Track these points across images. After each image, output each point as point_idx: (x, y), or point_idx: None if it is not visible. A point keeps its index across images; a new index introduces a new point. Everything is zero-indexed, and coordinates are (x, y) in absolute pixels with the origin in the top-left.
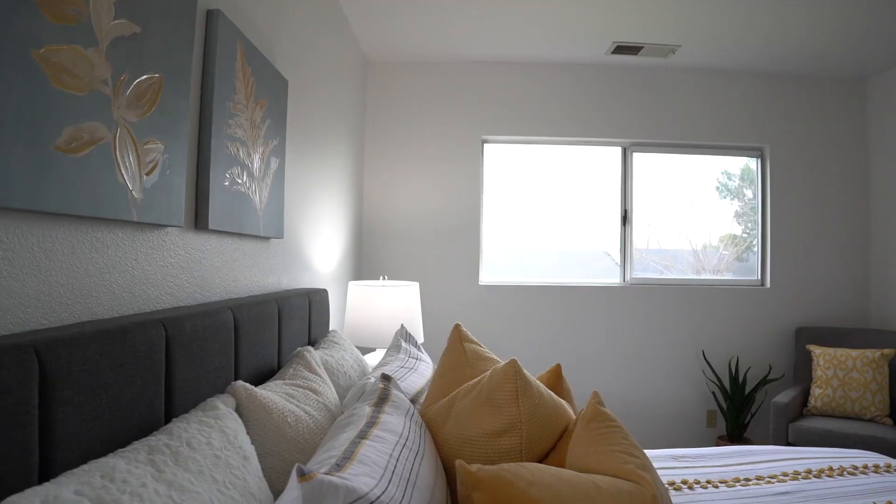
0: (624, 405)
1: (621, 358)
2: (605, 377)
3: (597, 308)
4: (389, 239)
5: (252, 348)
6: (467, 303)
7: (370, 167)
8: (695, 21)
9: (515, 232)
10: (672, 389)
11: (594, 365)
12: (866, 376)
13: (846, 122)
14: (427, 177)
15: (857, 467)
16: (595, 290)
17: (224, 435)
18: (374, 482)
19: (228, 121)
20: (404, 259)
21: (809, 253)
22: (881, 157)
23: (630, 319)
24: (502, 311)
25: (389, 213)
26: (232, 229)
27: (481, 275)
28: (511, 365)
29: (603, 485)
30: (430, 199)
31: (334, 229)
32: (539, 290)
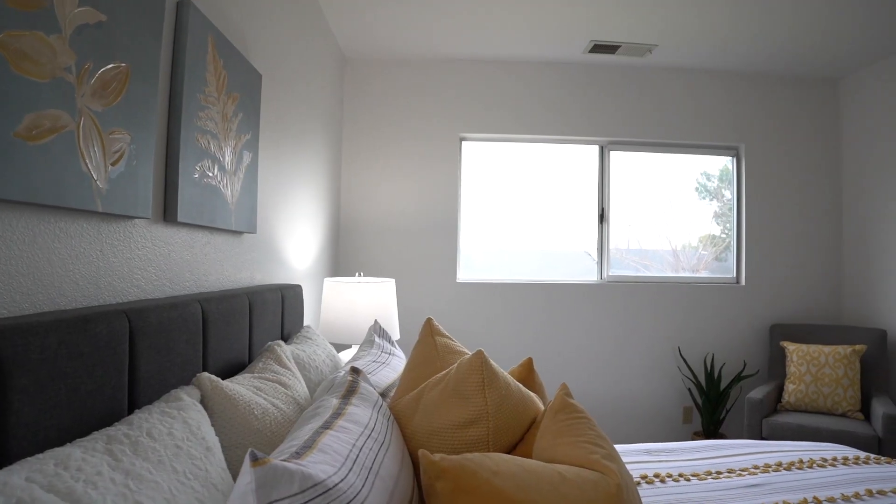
0: (601, 402)
1: (598, 355)
2: (582, 374)
3: (574, 306)
4: (367, 236)
5: (221, 342)
6: (445, 300)
7: (348, 164)
8: (671, 21)
9: (496, 232)
10: (649, 386)
11: (571, 362)
12: (838, 372)
13: (819, 122)
14: (405, 174)
15: (826, 460)
16: (572, 288)
17: (187, 426)
18: (334, 470)
19: (199, 113)
20: (382, 256)
21: (784, 251)
22: (853, 157)
23: (607, 317)
24: (480, 308)
25: (367, 210)
26: (202, 223)
27: (459, 272)
28: (477, 356)
29: (567, 474)
30: (408, 197)
31: (310, 226)
32: (516, 287)
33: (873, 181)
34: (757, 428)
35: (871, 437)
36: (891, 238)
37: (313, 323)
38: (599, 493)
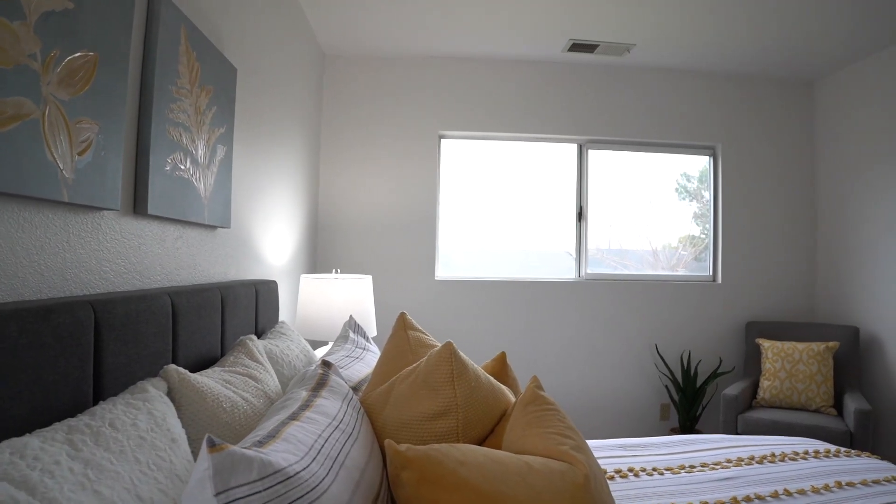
0: (579, 399)
1: (576, 352)
2: (560, 372)
3: (552, 303)
4: (345, 233)
5: (192, 336)
6: (423, 297)
7: (326, 161)
8: (649, 21)
9: (477, 231)
10: (626, 383)
11: (549, 360)
12: (812, 368)
13: (795, 124)
14: (384, 171)
15: (798, 453)
16: (550, 286)
17: (152, 417)
18: (296, 459)
19: (171, 105)
20: (360, 254)
21: (759, 250)
22: (827, 158)
23: (585, 315)
24: (458, 306)
25: (345, 207)
26: (174, 216)
27: (437, 270)
28: (446, 348)
29: (535, 464)
30: (386, 194)
31: (287, 222)
32: (494, 285)
33: (846, 182)
34: (732, 424)
35: (843, 432)
36: (863, 238)
37: (290, 320)
38: (567, 483)
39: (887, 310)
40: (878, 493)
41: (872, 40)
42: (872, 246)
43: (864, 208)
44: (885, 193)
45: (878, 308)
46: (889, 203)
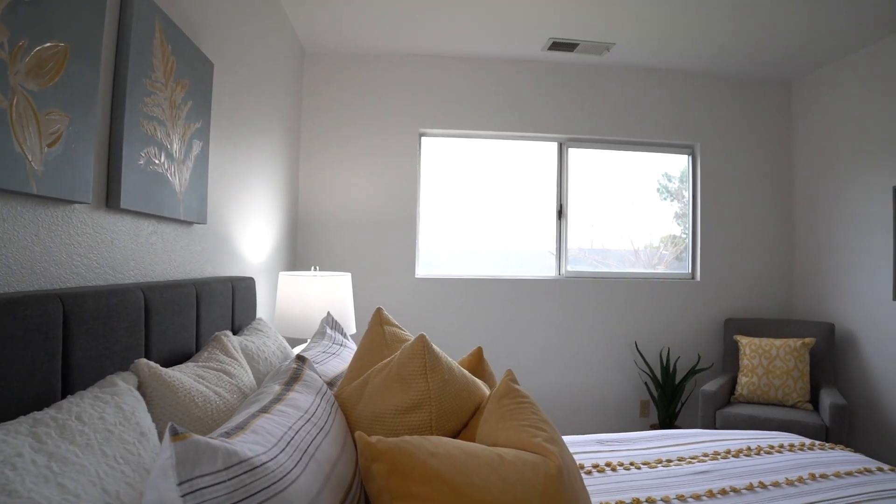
0: (559, 396)
1: (557, 350)
2: (540, 369)
3: (533, 301)
4: (325, 231)
5: (165, 331)
6: (403, 295)
7: (306, 158)
8: (628, 20)
9: (458, 230)
10: (606, 380)
11: (530, 357)
12: (788, 364)
13: (772, 123)
14: (364, 169)
15: (773, 447)
16: (531, 284)
17: (120, 410)
18: (263, 450)
19: (145, 98)
20: (340, 251)
21: (737, 247)
22: (804, 157)
23: (565, 312)
24: (438, 303)
25: (326, 204)
26: (148, 210)
27: (418, 268)
28: (419, 340)
29: (507, 456)
30: (367, 192)
31: (266, 219)
32: (475, 282)
33: (823, 181)
34: (711, 419)
35: (818, 427)
36: (839, 236)
37: (268, 317)
38: (539, 475)
39: (862, 307)
40: (850, 484)
41: (849, 41)
42: (848, 244)
43: (841, 207)
44: (861, 192)
45: (852, 305)
46: (864, 202)
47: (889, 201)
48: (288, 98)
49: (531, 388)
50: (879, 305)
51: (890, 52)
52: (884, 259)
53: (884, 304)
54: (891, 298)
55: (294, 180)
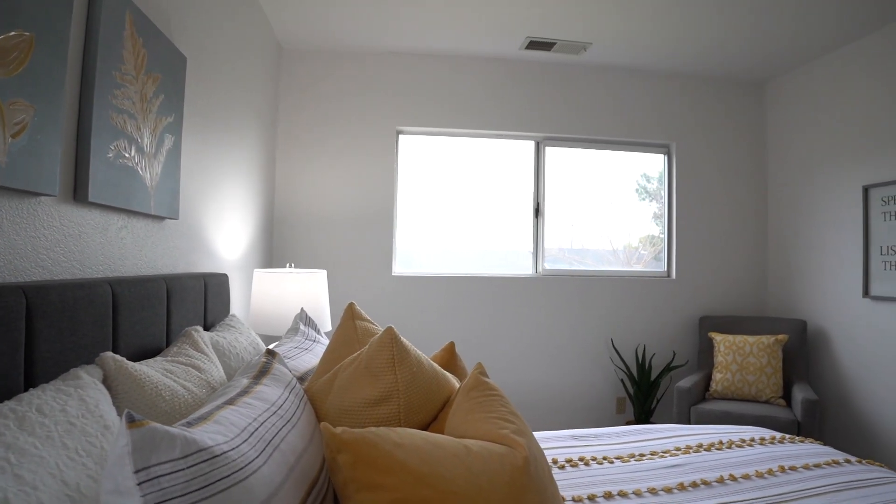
0: (536, 393)
1: (534, 347)
2: (517, 366)
3: (509, 299)
4: (302, 228)
5: (134, 326)
6: (380, 293)
7: (283, 155)
8: (605, 20)
9: (437, 229)
10: (583, 377)
11: (507, 354)
12: (762, 361)
13: (747, 123)
14: (341, 166)
15: (744, 440)
16: (508, 282)
17: (83, 403)
18: (225, 439)
19: (114, 91)
20: (317, 249)
21: (713, 246)
22: (777, 157)
23: (542, 310)
24: (415, 302)
25: (302, 202)
26: (117, 204)
27: (395, 266)
28: (387, 333)
29: (474, 448)
30: (344, 189)
31: (242, 216)
32: (451, 280)
33: (796, 181)
34: (686, 415)
35: (791, 422)
36: (812, 235)
37: (243, 314)
38: (506, 466)
39: (833, 304)
40: (819, 475)
41: (821, 43)
42: (820, 243)
43: (812, 206)
44: (833, 192)
45: (824, 302)
46: (836, 201)
47: (859, 201)
48: (264, 94)
49: (508, 385)
50: (850, 302)
51: (858, 55)
52: (854, 257)
53: (854, 301)
54: (861, 295)
55: (270, 177)
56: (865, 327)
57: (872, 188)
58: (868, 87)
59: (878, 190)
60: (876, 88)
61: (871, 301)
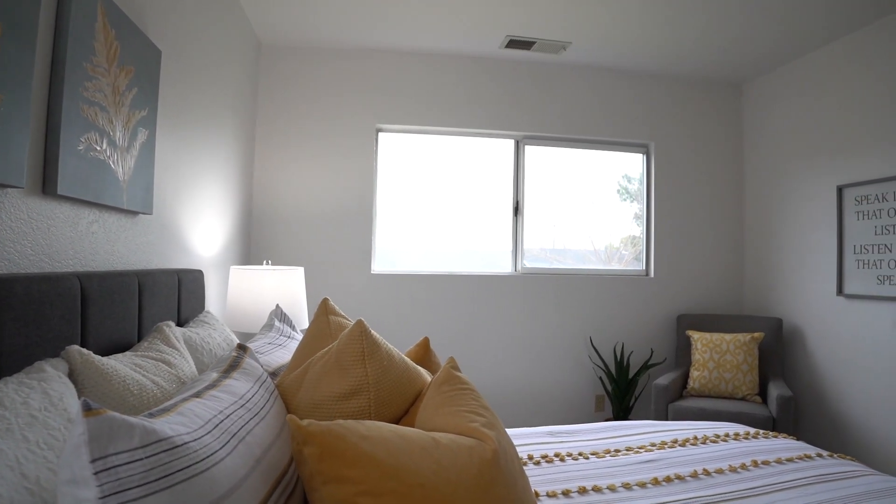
0: (515, 391)
1: (513, 345)
2: (496, 364)
3: (489, 297)
4: (280, 226)
5: (104, 321)
6: (359, 291)
7: (261, 151)
8: (585, 19)
9: (418, 229)
10: (562, 375)
11: (486, 352)
12: (738, 358)
13: (724, 124)
14: (320, 164)
15: (719, 436)
16: (487, 280)
17: (47, 396)
18: (187, 430)
19: (85, 83)
20: (295, 246)
21: (690, 245)
22: (754, 158)
23: (521, 308)
24: (394, 299)
25: (281, 199)
26: (87, 198)
27: (374, 264)
28: (357, 326)
29: (442, 440)
30: (323, 187)
31: (219, 212)
32: (431, 279)
33: (772, 181)
34: (663, 413)
35: (766, 418)
36: (787, 234)
37: (220, 312)
38: (474, 459)
39: (808, 302)
40: (791, 469)
41: (797, 45)
42: (795, 242)
43: (788, 206)
44: (808, 192)
45: (799, 301)
46: (810, 201)
47: (833, 200)
48: (242, 90)
49: (487, 383)
50: (824, 301)
51: (833, 57)
52: (828, 256)
53: (828, 300)
54: (835, 294)
55: (249, 174)
56: (839, 325)
57: (846, 188)
58: (841, 90)
59: (852, 190)
60: (849, 91)
61: (844, 299)
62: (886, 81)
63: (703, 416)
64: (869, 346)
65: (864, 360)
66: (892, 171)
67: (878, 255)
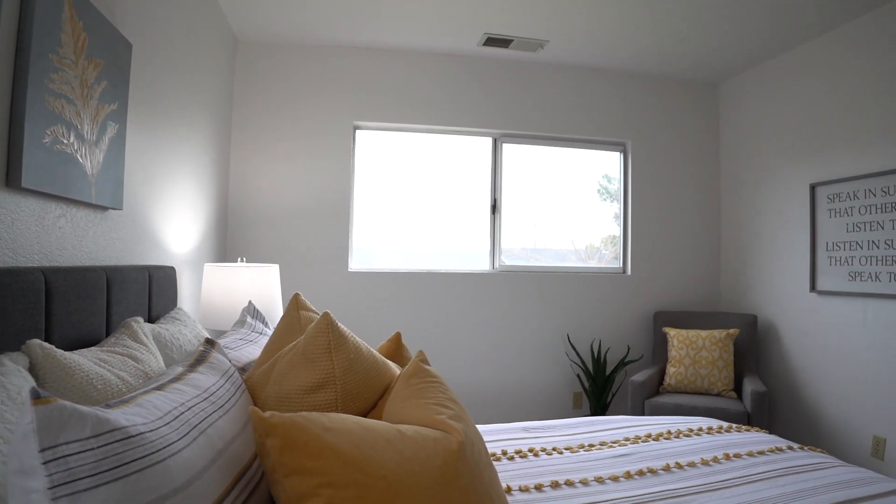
0: (493, 389)
1: (491, 343)
2: (474, 362)
3: (467, 295)
4: (257, 223)
5: (70, 316)
6: (336, 289)
7: (237, 148)
8: (562, 18)
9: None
10: (540, 372)
11: (464, 350)
12: (714, 354)
13: (700, 123)
14: (297, 161)
15: (692, 430)
16: (465, 277)
17: (4, 390)
18: (143, 421)
19: (51, 75)
20: (271, 244)
21: (667, 243)
22: (730, 156)
23: (499, 306)
24: (372, 297)
25: (257, 196)
26: (54, 191)
27: (351, 262)
28: (324, 318)
29: (407, 432)
30: (300, 184)
31: (193, 209)
32: (408, 276)
33: (747, 179)
34: (640, 409)
35: (741, 413)
36: (762, 232)
37: (194, 310)
38: (439, 450)
39: (782, 299)
40: (762, 462)
41: (772, 45)
42: (770, 240)
43: (763, 204)
44: (782, 190)
45: (774, 297)
46: (784, 199)
47: (806, 198)
48: (218, 86)
49: (465, 381)
50: (798, 297)
51: (805, 58)
52: (802, 253)
53: (801, 296)
54: (808, 290)
55: (224, 171)
56: (812, 321)
57: (819, 186)
58: (815, 89)
59: (825, 188)
60: (822, 90)
61: (817, 296)
62: (857, 82)
63: (679, 411)
64: (841, 341)
65: (836, 355)
66: (863, 170)
67: (850, 251)
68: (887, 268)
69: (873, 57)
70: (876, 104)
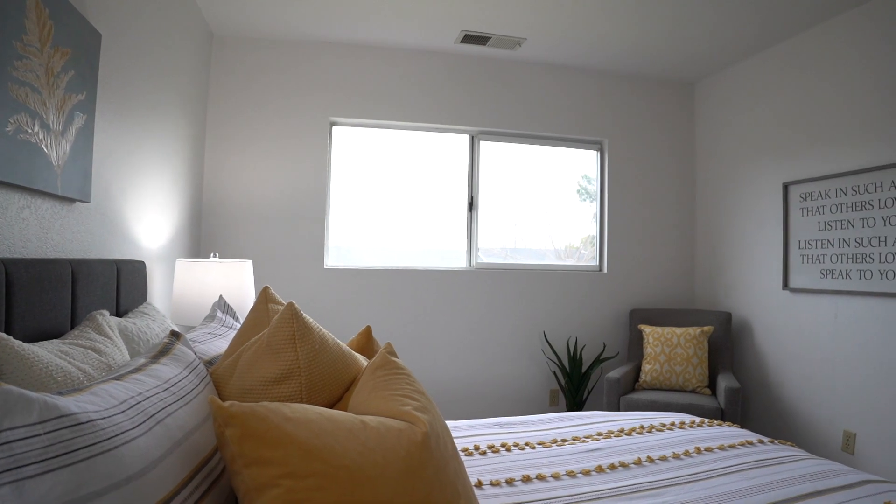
0: (469, 386)
1: (467, 340)
2: (450, 359)
3: (443, 292)
4: (232, 219)
5: (32, 308)
6: (312, 286)
7: (212, 143)
8: (540, 15)
9: (373, 223)
10: (516, 370)
11: (440, 347)
12: (689, 351)
13: (676, 122)
14: (273, 157)
15: (665, 425)
16: (441, 275)
17: None
18: (96, 409)
19: (15, 62)
20: (246, 240)
21: (643, 241)
22: (705, 155)
23: (475, 303)
24: (347, 294)
25: (232, 192)
26: (16, 181)
27: (327, 259)
28: (288, 308)
29: (371, 423)
30: (275, 180)
31: (166, 203)
32: (384, 273)
33: (723, 178)
34: (615, 405)
35: (715, 409)
36: (736, 230)
37: (165, 305)
38: (403, 441)
39: (755, 296)
40: (733, 455)
41: (748, 45)
42: (744, 238)
43: (737, 203)
44: (755, 189)
45: (747, 295)
46: (758, 198)
47: (779, 197)
48: (193, 80)
49: (442, 378)
50: (771, 294)
51: (779, 58)
52: (775, 251)
53: (774, 294)
54: (781, 288)
55: (199, 166)
56: (784, 318)
57: (792, 185)
58: (788, 89)
59: (797, 187)
60: (795, 90)
61: (789, 293)
62: (828, 83)
63: (654, 407)
64: (812, 338)
65: (808, 351)
66: (834, 169)
67: (821, 249)
68: (857, 265)
69: (845, 59)
70: (847, 105)
